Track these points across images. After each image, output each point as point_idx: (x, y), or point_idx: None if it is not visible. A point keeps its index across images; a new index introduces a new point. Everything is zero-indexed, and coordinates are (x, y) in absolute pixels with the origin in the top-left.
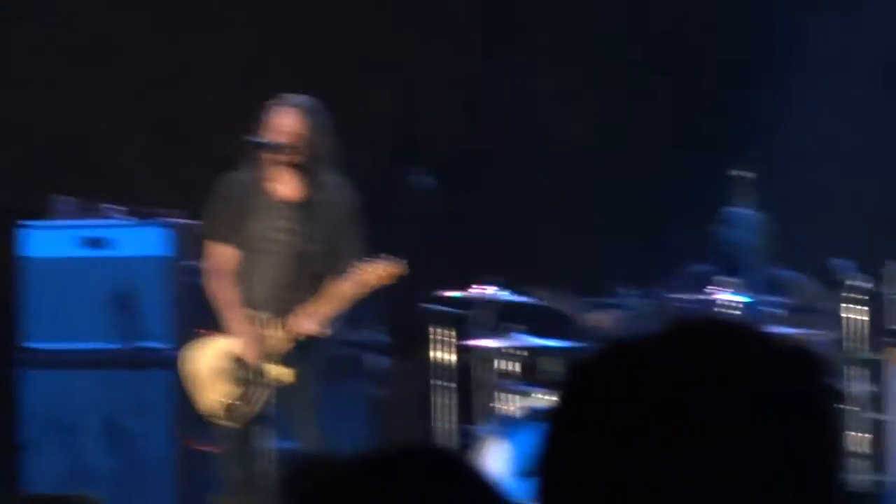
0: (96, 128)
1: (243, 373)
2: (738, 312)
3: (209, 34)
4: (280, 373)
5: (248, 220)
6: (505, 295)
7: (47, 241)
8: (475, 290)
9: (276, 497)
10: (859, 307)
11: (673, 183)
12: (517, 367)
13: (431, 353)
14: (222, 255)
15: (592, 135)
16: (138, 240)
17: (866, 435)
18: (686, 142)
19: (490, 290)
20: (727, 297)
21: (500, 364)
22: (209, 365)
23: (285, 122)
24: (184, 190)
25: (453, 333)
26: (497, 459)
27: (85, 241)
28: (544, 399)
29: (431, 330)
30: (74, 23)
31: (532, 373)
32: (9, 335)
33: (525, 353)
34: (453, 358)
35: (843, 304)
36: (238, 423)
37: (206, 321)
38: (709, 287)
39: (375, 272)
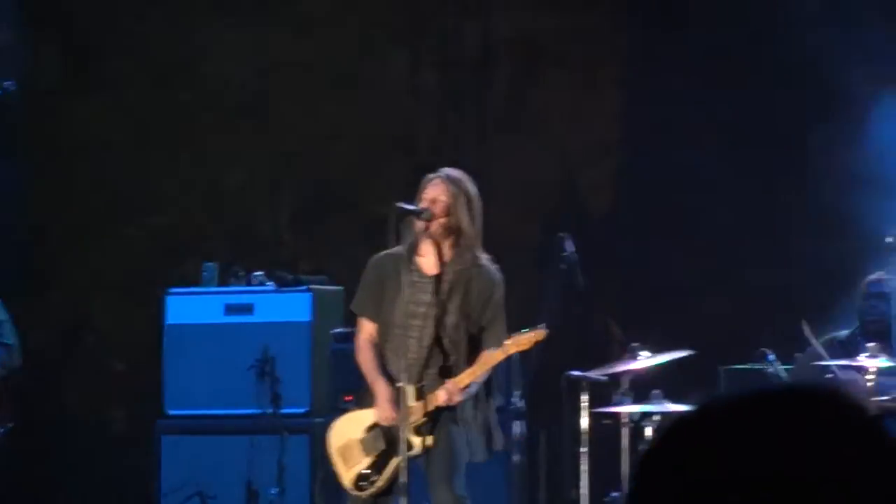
0: (242, 193)
1: (377, 443)
2: (881, 380)
3: (359, 99)
4: (416, 442)
5: (393, 296)
6: (647, 360)
7: (191, 307)
8: (619, 359)
9: None
10: None
11: (822, 248)
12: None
13: (571, 419)
14: (368, 330)
15: (737, 201)
16: (281, 306)
17: None
18: (837, 208)
19: (634, 357)
20: (874, 363)
21: (642, 429)
22: (347, 436)
23: (433, 192)
24: (329, 255)
25: (591, 399)
26: None
27: (228, 308)
28: None
29: (571, 396)
30: (219, 88)
31: None
32: (153, 401)
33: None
34: (592, 423)
35: None
36: (370, 493)
37: (352, 388)
38: (857, 354)
39: (517, 343)
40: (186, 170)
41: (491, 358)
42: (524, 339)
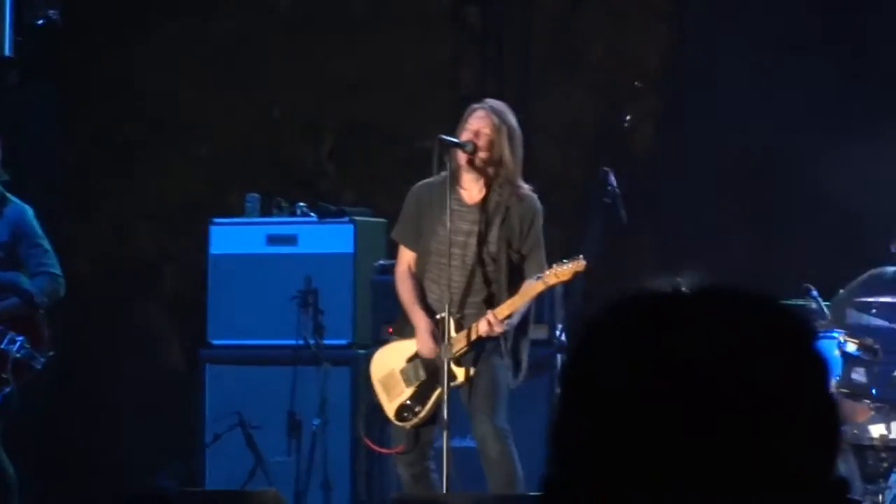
0: (286, 125)
1: (418, 373)
2: None
3: (402, 33)
4: (458, 373)
5: (433, 225)
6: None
7: (234, 237)
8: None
9: (453, 495)
10: None
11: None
12: None
13: None
14: (407, 259)
15: (781, 128)
16: (324, 237)
17: None
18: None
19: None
20: None
21: None
22: (388, 367)
23: (477, 124)
24: (372, 187)
25: None
26: None
27: (271, 238)
28: None
29: None
30: (262, 20)
31: None
32: (196, 331)
33: None
34: None
35: None
36: (413, 424)
37: (394, 320)
38: None
39: (556, 274)
40: (230, 100)
41: (531, 289)
42: (564, 271)
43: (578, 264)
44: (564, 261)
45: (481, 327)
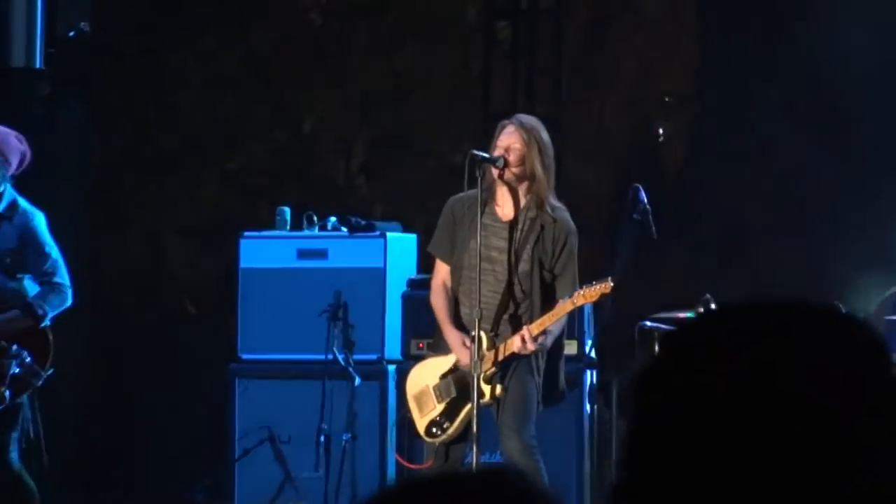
0: (317, 139)
1: (449, 390)
2: None
3: (433, 47)
4: (486, 391)
5: (467, 240)
6: None
7: (264, 251)
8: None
9: None
10: None
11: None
12: None
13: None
14: (443, 273)
15: (812, 146)
16: (354, 251)
17: None
18: None
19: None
20: None
21: None
22: (422, 383)
23: (507, 140)
24: (403, 202)
25: None
26: None
27: (301, 253)
28: None
29: (643, 346)
30: (294, 35)
31: None
32: (226, 345)
33: None
34: None
35: None
36: (441, 440)
37: (425, 335)
38: None
39: (584, 295)
40: (261, 114)
41: (560, 308)
42: (592, 292)
43: (606, 286)
44: (593, 282)
45: (515, 343)
